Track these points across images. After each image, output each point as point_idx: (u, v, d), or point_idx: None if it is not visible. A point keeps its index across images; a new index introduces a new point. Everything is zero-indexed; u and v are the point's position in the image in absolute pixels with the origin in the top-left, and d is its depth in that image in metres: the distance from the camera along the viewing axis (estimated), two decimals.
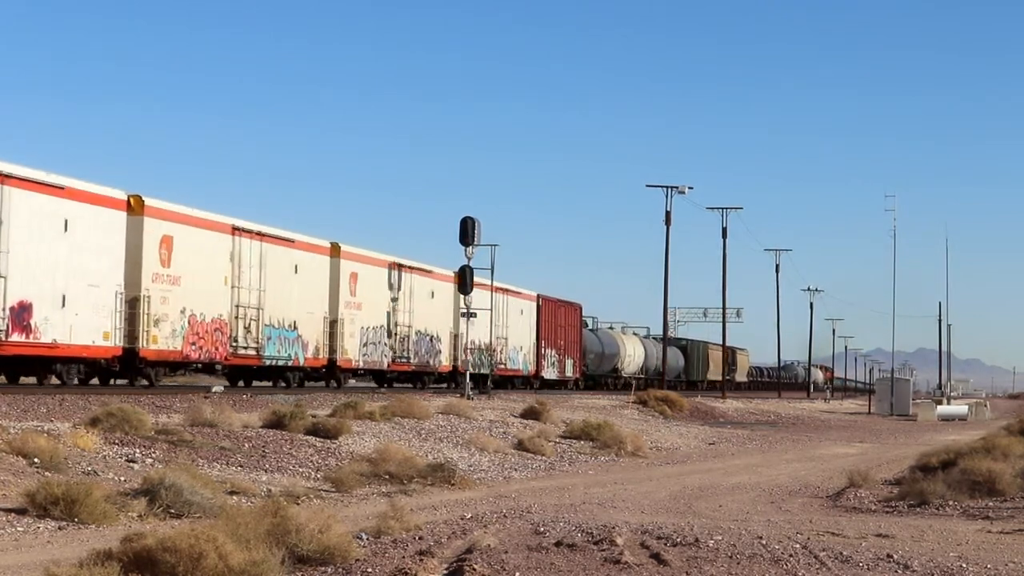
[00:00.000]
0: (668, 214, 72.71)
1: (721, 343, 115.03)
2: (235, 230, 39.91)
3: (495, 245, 53.62)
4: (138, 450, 20.80)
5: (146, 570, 11.27)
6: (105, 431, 21.44)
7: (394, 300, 50.28)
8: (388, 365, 49.68)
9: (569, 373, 73.59)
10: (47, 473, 17.65)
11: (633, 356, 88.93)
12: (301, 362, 43.81)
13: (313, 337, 44.34)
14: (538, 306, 68.02)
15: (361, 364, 47.71)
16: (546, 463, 29.21)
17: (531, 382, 67.21)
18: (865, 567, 13.05)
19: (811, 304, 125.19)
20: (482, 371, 57.46)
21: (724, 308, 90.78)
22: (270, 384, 44.17)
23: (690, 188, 73.53)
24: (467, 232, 45.53)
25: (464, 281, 47.06)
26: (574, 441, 34.16)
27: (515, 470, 27.13)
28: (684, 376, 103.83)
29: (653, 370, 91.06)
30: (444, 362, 55.53)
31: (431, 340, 53.85)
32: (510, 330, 63.19)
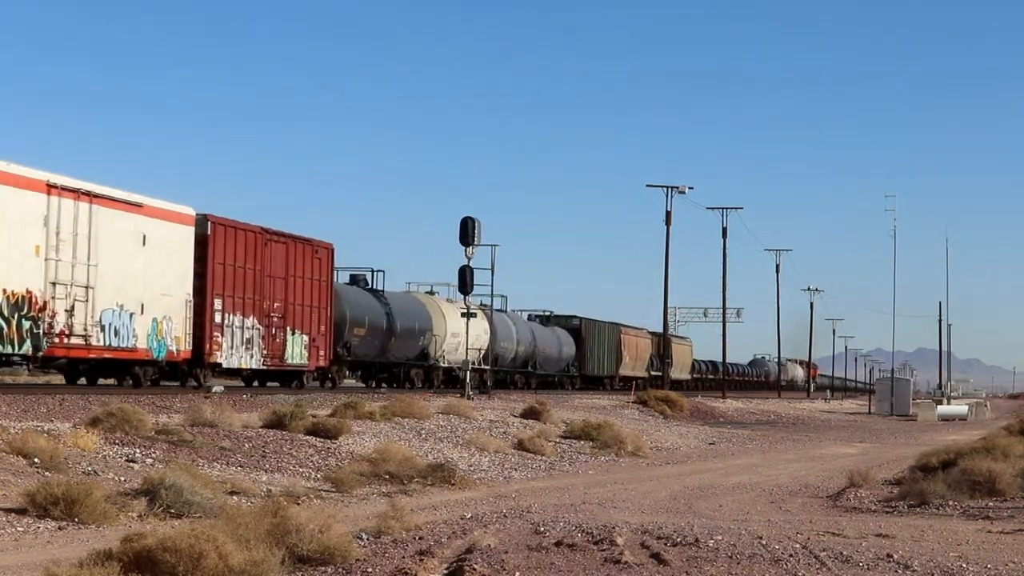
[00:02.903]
0: (668, 214, 72.74)
1: (646, 328, 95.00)
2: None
3: (495, 245, 53.41)
4: (138, 450, 20.81)
5: (146, 570, 11.27)
6: (105, 431, 21.45)
7: None
8: None
9: (296, 358, 42.70)
10: (47, 473, 17.65)
11: (461, 337, 54.23)
12: None
13: None
14: (205, 236, 37.88)
15: None
16: (546, 463, 29.22)
17: (189, 373, 38.14)
18: (865, 567, 13.05)
19: (811, 304, 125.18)
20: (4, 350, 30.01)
21: (724, 308, 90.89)
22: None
23: (690, 188, 73.57)
24: (467, 232, 45.54)
25: (465, 281, 47.04)
26: (574, 441, 34.16)
27: (515, 470, 27.13)
28: (576, 369, 76.90)
29: (512, 359, 65.83)
30: None
31: None
32: (105, 272, 33.01)
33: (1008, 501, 20.93)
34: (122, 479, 18.37)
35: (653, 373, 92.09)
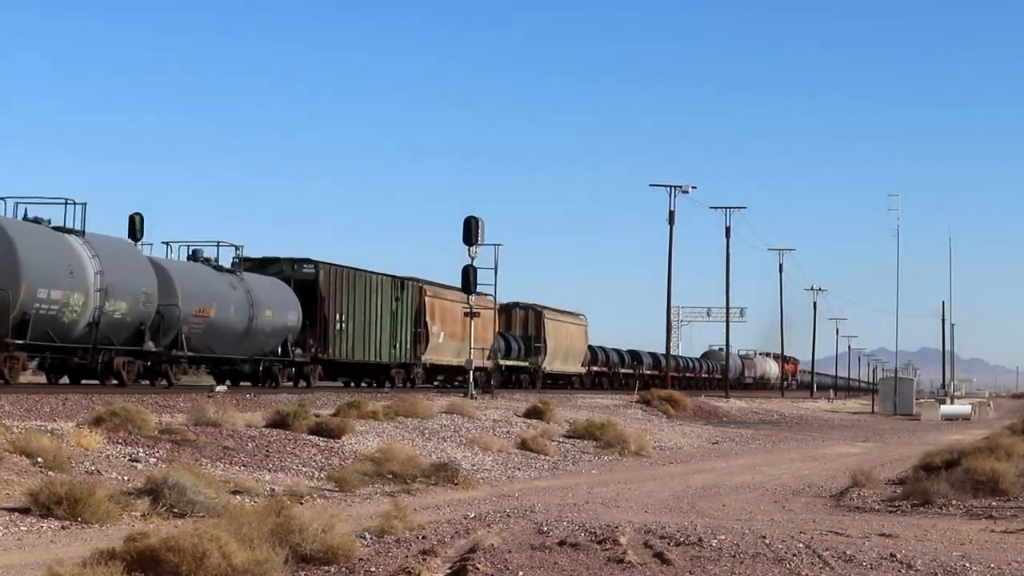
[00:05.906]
0: (672, 213, 72.77)
1: (490, 295, 56.29)
2: None
3: (499, 245, 53.15)
4: (141, 449, 20.81)
5: (149, 569, 11.27)
6: (108, 430, 21.45)
7: None
8: None
9: None
10: (50, 473, 17.65)
11: None
12: None
13: None
14: None
15: None
16: (549, 462, 29.23)
17: None
18: (868, 566, 13.05)
19: (815, 304, 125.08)
20: None
21: (727, 307, 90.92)
22: None
23: (693, 187, 73.60)
24: (471, 232, 45.57)
25: (468, 280, 47.05)
26: (577, 440, 34.18)
27: (518, 469, 27.14)
28: (310, 351, 44.10)
29: (87, 326, 32.34)
30: None
31: None
32: None
33: (1011, 501, 20.93)
34: (125, 479, 18.38)
35: (506, 362, 62.94)
